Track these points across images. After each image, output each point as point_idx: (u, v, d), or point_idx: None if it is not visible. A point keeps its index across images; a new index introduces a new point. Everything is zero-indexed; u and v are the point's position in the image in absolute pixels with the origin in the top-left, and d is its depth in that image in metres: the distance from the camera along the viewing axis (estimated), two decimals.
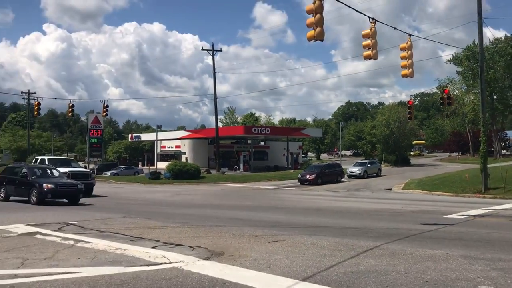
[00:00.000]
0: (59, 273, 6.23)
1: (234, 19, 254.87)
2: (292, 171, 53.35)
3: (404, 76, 19.95)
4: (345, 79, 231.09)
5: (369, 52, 17.41)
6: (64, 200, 19.57)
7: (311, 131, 76.37)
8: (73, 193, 19.35)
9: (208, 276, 6.10)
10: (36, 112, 40.24)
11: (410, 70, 19.94)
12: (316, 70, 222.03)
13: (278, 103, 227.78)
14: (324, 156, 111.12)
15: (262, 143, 68.85)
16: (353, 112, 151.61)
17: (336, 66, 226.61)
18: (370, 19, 17.50)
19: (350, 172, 44.53)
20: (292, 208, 18.41)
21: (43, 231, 10.26)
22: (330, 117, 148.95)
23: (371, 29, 17.44)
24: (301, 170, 45.31)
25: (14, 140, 74.44)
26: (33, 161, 28.83)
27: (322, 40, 14.28)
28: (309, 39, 14.29)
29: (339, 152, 74.84)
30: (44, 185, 18.46)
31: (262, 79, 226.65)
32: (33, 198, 18.53)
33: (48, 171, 21.38)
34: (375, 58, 17.56)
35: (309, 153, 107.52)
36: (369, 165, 47.05)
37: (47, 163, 26.97)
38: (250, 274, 6.28)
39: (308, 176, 38.26)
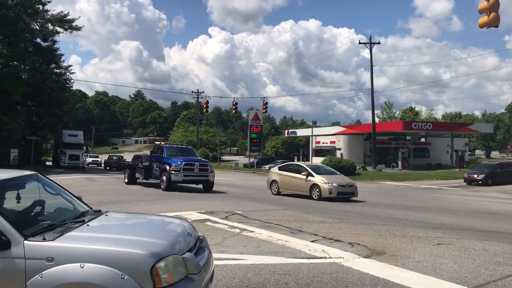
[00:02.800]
0: (227, 259, 6.75)
1: (393, 9, 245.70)
2: (457, 170, 49.36)
3: None
4: None
5: None
6: None
7: (480, 126, 69.40)
8: None
9: (369, 274, 6.01)
10: (204, 110, 44.31)
11: None
12: (486, 59, 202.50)
13: (441, 96, 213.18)
14: (495, 154, 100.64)
15: (422, 139, 64.91)
16: None
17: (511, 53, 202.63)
18: None
19: None
20: (458, 210, 17.04)
21: (212, 218, 11.20)
22: (503, 110, 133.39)
23: None
24: (468, 169, 41.69)
25: (185, 135, 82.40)
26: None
27: (497, 26, 12.94)
28: (481, 26, 13.05)
29: None
30: None
31: (423, 71, 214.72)
32: None
33: None
34: None
35: (477, 150, 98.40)
36: None
37: None
38: (414, 276, 6.02)
39: (476, 175, 35.05)
